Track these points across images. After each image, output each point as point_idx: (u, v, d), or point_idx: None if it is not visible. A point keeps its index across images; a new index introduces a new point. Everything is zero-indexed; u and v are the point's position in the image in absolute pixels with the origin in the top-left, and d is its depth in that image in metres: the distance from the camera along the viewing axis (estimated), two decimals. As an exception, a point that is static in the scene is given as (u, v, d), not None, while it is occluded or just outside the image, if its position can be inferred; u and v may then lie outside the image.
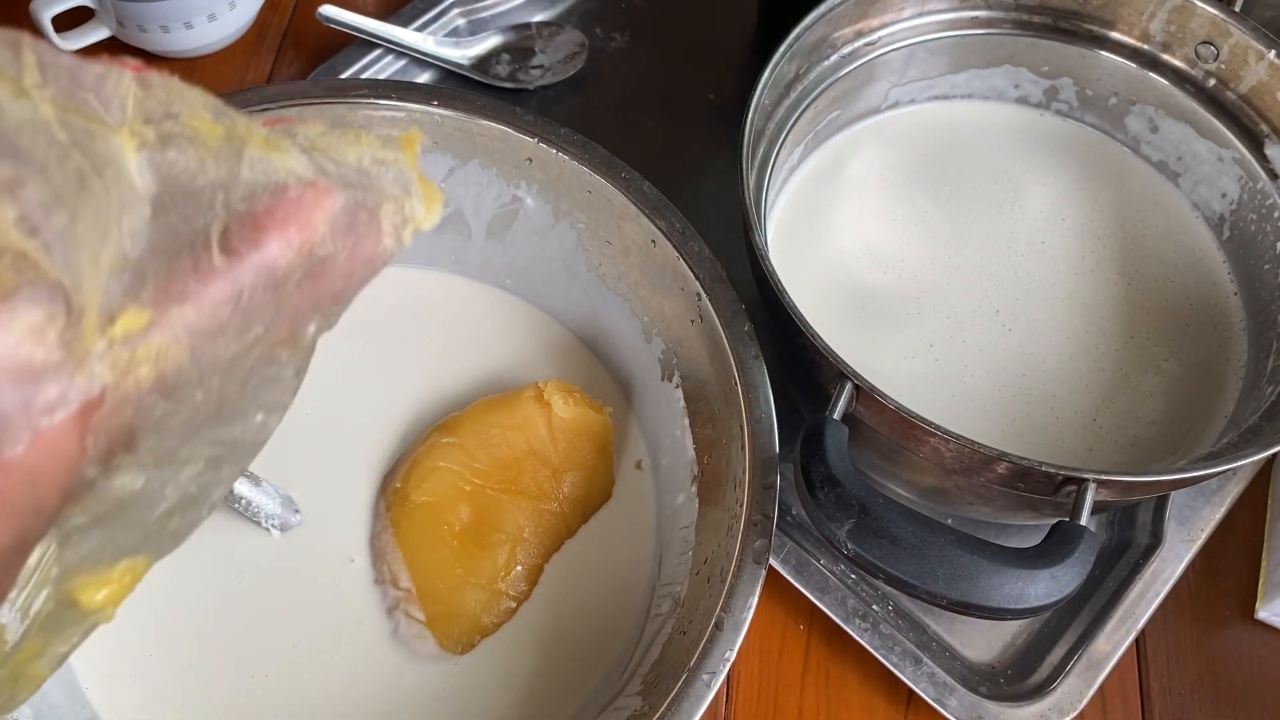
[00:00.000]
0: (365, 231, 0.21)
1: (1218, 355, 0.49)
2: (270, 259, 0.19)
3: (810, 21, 0.47)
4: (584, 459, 0.48)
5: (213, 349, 0.19)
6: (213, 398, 0.20)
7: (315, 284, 0.20)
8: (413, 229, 0.22)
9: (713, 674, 0.37)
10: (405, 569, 0.45)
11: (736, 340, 0.43)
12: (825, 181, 0.53)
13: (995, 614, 0.36)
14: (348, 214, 0.21)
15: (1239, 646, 0.50)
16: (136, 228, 0.18)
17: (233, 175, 0.19)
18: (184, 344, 0.18)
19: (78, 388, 0.17)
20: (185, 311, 0.18)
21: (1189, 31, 0.50)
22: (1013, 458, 0.37)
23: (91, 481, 0.19)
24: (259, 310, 0.19)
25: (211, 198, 0.19)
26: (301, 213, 0.19)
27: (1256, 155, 0.49)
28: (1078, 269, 0.51)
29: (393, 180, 0.22)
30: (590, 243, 0.49)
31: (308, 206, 0.20)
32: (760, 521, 0.40)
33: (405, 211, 0.22)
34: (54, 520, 0.18)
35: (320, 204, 0.20)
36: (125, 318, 0.17)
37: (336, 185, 0.20)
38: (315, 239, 0.20)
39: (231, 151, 0.19)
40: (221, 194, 0.19)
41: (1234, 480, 0.51)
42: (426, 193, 0.23)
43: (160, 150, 0.19)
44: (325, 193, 0.20)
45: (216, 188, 0.19)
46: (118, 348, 0.17)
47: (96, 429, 0.18)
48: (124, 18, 0.60)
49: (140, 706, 0.44)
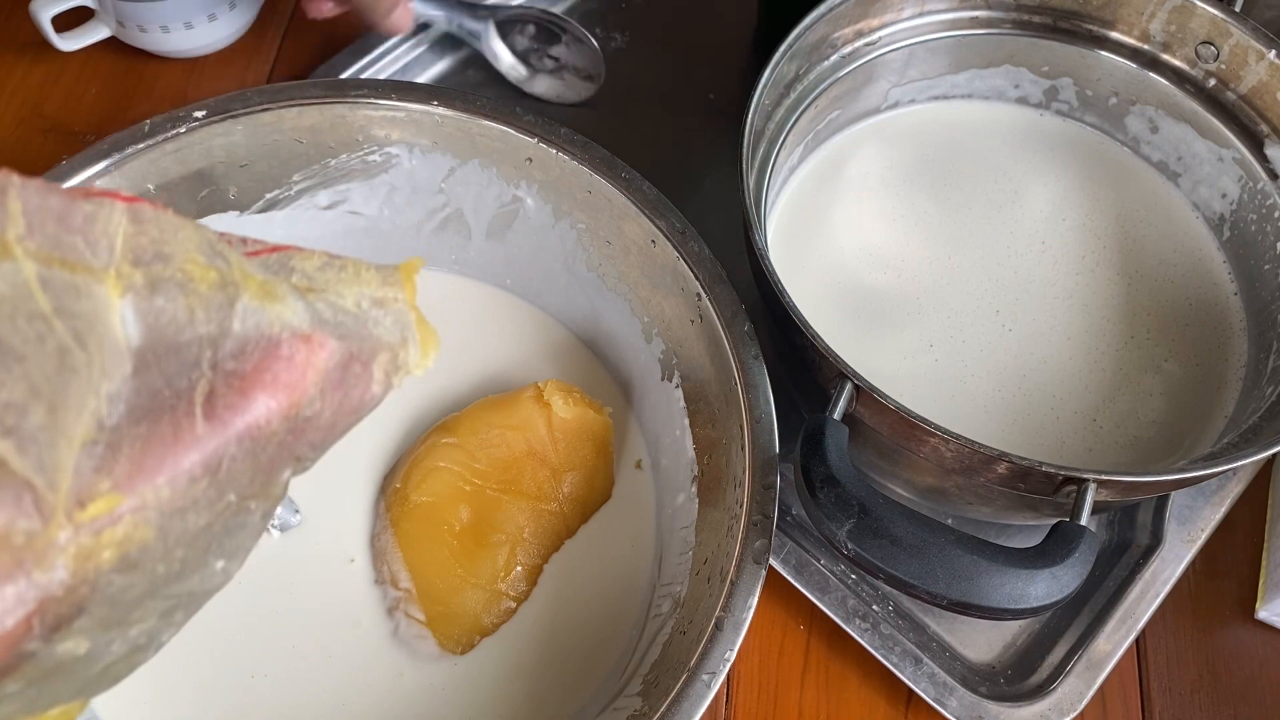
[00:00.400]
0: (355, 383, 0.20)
1: (1218, 355, 0.49)
2: (255, 422, 0.18)
3: (810, 21, 0.47)
4: (584, 459, 0.48)
5: (182, 524, 0.18)
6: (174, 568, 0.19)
7: (296, 438, 0.19)
8: (404, 375, 0.21)
9: (713, 674, 0.37)
10: (405, 569, 0.45)
11: (736, 340, 0.43)
12: (825, 181, 0.53)
13: (995, 614, 0.36)
14: (340, 368, 0.20)
15: (1239, 646, 0.50)
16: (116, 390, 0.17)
17: (223, 329, 0.18)
18: (153, 523, 0.17)
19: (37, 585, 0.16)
20: (159, 488, 0.17)
21: (1189, 31, 0.50)
22: (1013, 458, 0.37)
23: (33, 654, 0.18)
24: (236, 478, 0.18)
25: (199, 354, 0.18)
26: (293, 372, 0.18)
27: (1256, 155, 0.49)
28: (1078, 269, 0.51)
29: (391, 325, 0.21)
30: (590, 243, 0.49)
31: (299, 365, 0.19)
32: (760, 521, 0.40)
33: (399, 360, 0.21)
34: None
35: (312, 362, 0.19)
36: (96, 503, 0.17)
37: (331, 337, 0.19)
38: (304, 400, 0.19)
39: (224, 300, 0.18)
40: (210, 350, 0.18)
41: (1234, 480, 0.51)
42: (424, 335, 0.22)
43: (148, 297, 0.18)
44: (320, 347, 0.19)
45: (205, 343, 0.18)
46: (83, 534, 0.17)
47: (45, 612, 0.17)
48: (124, 18, 0.60)
49: (140, 706, 0.44)
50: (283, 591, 0.46)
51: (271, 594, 0.46)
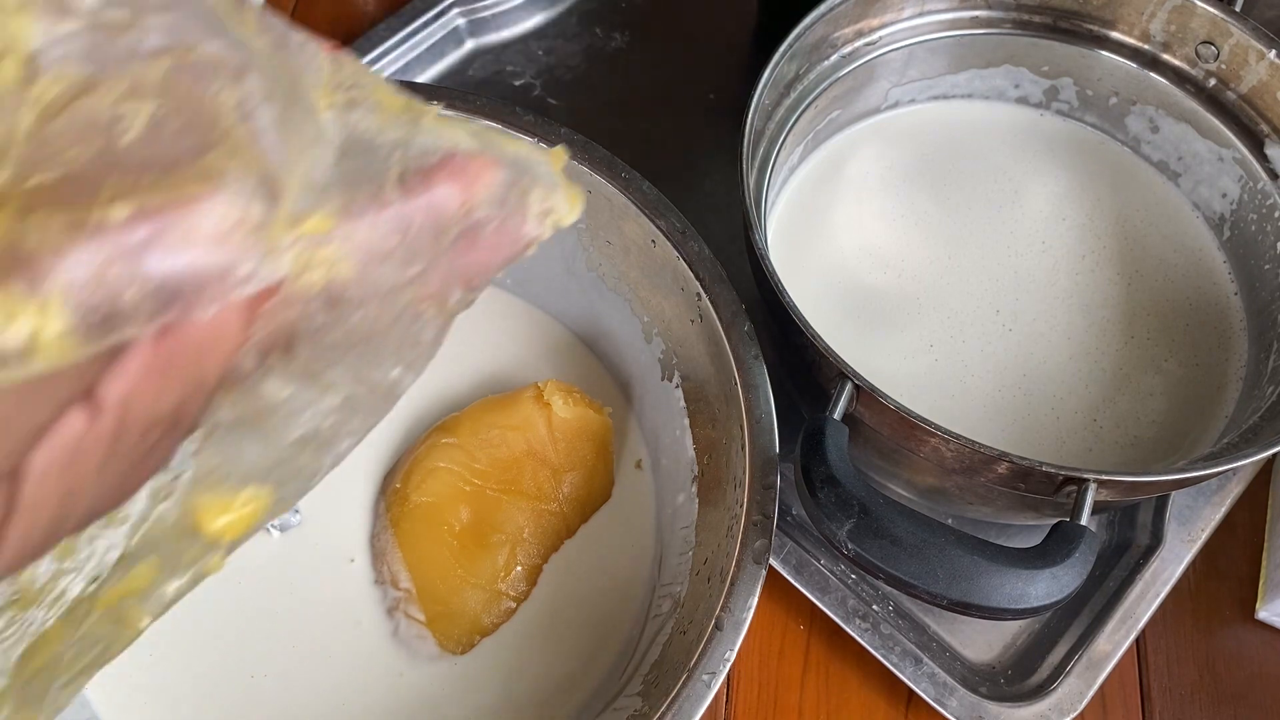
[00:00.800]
0: (514, 209, 0.23)
1: (1218, 355, 0.49)
2: (438, 201, 0.21)
3: (810, 21, 0.47)
4: (584, 459, 0.48)
5: (378, 273, 0.20)
6: (366, 325, 0.21)
7: (467, 247, 0.22)
8: (554, 221, 0.24)
9: (713, 674, 0.37)
10: (405, 569, 0.45)
11: (736, 340, 0.43)
12: (825, 181, 0.53)
13: (996, 614, 0.36)
14: (504, 187, 0.22)
15: (1239, 646, 0.50)
16: (326, 161, 0.20)
17: (410, 136, 0.21)
18: (355, 260, 0.20)
19: (265, 271, 0.18)
20: (361, 228, 0.19)
21: (1189, 31, 0.50)
22: (1013, 458, 0.37)
23: (247, 374, 0.20)
24: (421, 250, 0.21)
25: (390, 152, 0.21)
26: (468, 173, 0.21)
27: (1257, 155, 0.49)
28: (1078, 269, 0.51)
29: (543, 172, 0.24)
30: (590, 242, 0.49)
31: (474, 171, 0.22)
32: (760, 521, 0.40)
33: (550, 201, 0.23)
34: (209, 401, 0.19)
35: (485, 170, 0.22)
36: (313, 220, 0.19)
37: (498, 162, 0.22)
38: (477, 199, 0.22)
39: (410, 119, 0.22)
40: (399, 151, 0.21)
41: (1234, 480, 0.51)
42: (569, 193, 0.24)
43: (347, 112, 0.21)
44: (490, 162, 0.22)
45: (395, 145, 0.21)
46: (300, 245, 0.18)
47: (265, 317, 0.19)
48: (124, 18, 0.60)
49: (140, 706, 0.44)
50: (283, 591, 0.46)
51: (271, 594, 0.46)
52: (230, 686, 0.44)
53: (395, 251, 0.20)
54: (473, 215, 0.22)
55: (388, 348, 0.23)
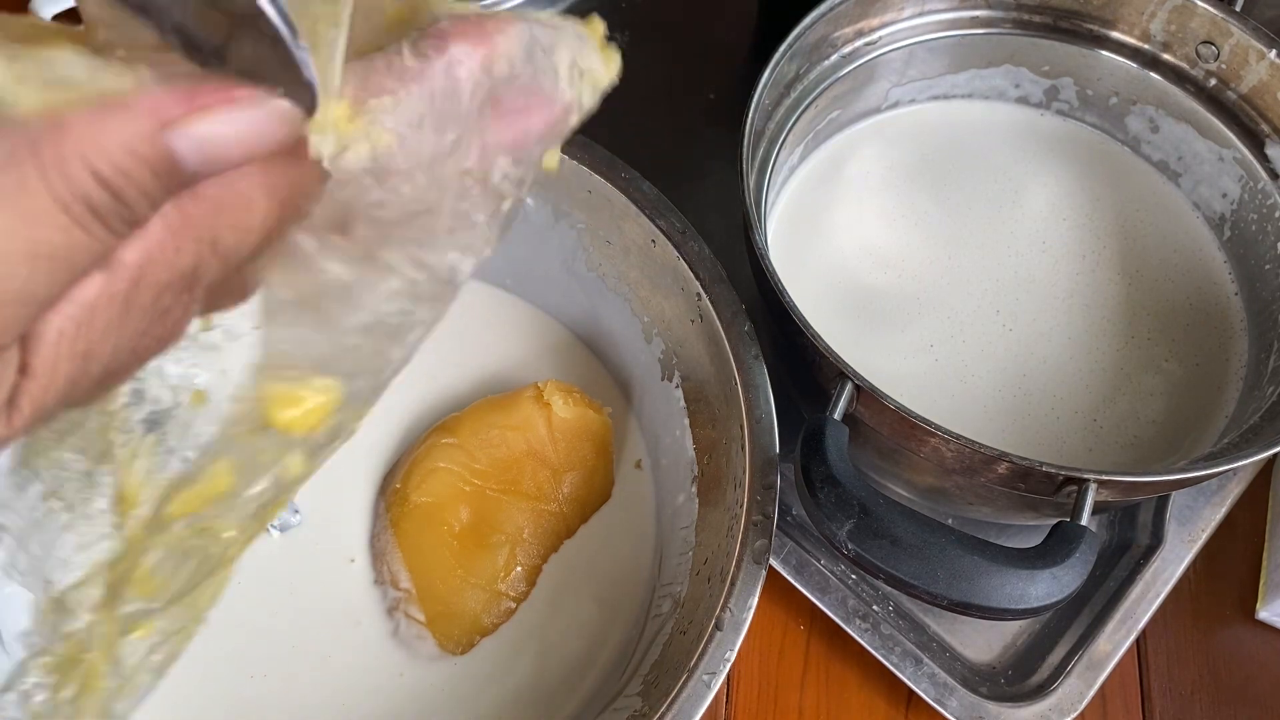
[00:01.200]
0: (543, 68, 0.22)
1: (1218, 355, 0.49)
2: (456, 60, 0.21)
3: (810, 21, 0.47)
4: (584, 459, 0.48)
5: (417, 139, 0.20)
6: (417, 199, 0.21)
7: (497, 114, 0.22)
8: (592, 81, 0.23)
9: (713, 674, 0.37)
10: (405, 569, 0.45)
11: (736, 340, 0.43)
12: (825, 181, 0.53)
13: (996, 614, 0.36)
14: (525, 44, 0.22)
15: (1239, 646, 0.50)
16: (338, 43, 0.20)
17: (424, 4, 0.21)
18: (390, 129, 0.20)
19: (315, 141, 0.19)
20: (384, 103, 0.20)
21: (1189, 31, 0.50)
22: (1013, 458, 0.37)
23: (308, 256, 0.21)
24: (451, 113, 0.21)
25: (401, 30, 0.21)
26: (485, 29, 0.21)
27: (1257, 155, 0.49)
28: (1078, 269, 0.51)
29: (571, 32, 0.23)
30: (590, 242, 0.49)
31: (489, 30, 0.21)
32: (760, 521, 0.40)
33: (582, 62, 0.23)
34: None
35: (500, 28, 0.22)
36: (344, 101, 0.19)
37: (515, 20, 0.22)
38: (496, 54, 0.21)
39: None
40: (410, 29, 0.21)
41: (1234, 480, 0.51)
42: (606, 54, 0.23)
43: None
44: (507, 19, 0.22)
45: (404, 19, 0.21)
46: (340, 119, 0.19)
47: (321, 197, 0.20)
48: (124, 18, 0.60)
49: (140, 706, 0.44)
50: (283, 591, 0.46)
51: (271, 594, 0.46)
52: (230, 686, 0.44)
53: (426, 116, 0.20)
54: (496, 74, 0.21)
55: (440, 228, 0.23)
